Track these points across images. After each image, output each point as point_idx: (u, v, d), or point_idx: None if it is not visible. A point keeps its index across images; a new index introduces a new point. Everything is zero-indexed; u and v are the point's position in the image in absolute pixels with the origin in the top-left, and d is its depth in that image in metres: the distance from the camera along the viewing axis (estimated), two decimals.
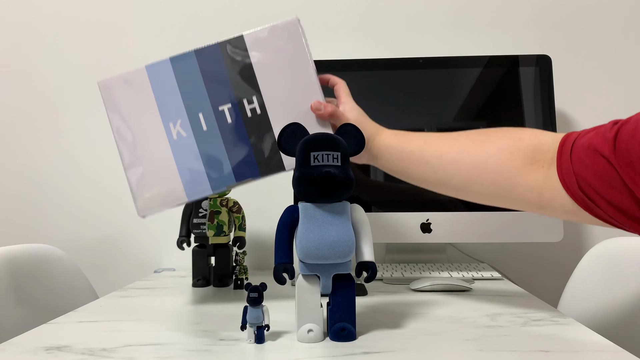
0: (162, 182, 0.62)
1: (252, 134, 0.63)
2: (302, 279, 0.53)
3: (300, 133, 0.55)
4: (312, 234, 0.51)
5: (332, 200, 0.52)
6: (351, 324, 0.53)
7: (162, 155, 0.62)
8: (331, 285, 0.53)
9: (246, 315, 0.52)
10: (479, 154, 0.58)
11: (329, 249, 0.51)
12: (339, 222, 0.52)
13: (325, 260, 0.51)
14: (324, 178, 0.50)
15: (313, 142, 0.53)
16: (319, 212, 0.52)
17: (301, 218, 0.52)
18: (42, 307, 0.81)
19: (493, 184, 0.57)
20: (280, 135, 0.56)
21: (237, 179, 0.62)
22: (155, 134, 0.62)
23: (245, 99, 0.63)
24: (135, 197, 0.62)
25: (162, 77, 0.63)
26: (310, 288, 0.53)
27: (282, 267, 0.52)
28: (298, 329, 0.53)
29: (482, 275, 0.86)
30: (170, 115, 0.63)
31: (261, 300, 0.52)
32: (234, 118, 0.63)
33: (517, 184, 0.56)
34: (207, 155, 0.62)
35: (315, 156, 0.51)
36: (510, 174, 0.56)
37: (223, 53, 0.64)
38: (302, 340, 0.53)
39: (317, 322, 0.53)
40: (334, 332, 0.53)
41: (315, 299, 0.53)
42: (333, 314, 0.53)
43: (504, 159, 0.56)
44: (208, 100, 0.63)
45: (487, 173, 0.57)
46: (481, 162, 0.57)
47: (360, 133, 0.56)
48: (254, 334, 0.52)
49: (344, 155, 0.52)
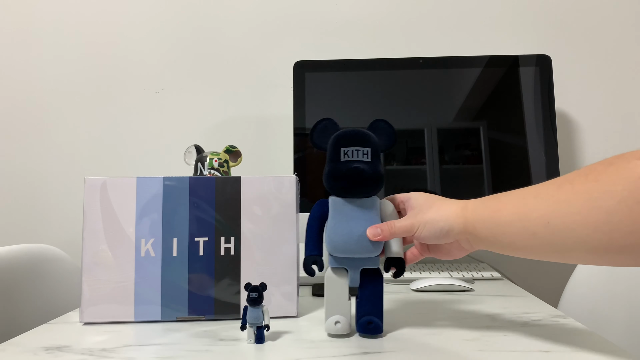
0: (115, 299, 0.61)
1: (220, 272, 0.62)
2: (330, 271, 0.54)
3: (332, 128, 0.56)
4: (340, 227, 0.52)
5: (361, 195, 0.53)
6: (378, 318, 0.54)
7: (124, 271, 0.61)
8: (359, 279, 0.53)
9: (246, 315, 0.52)
10: (595, 213, 0.44)
11: (356, 243, 0.51)
12: (368, 217, 0.52)
13: (352, 254, 0.52)
14: (352, 173, 0.51)
15: (343, 138, 0.53)
16: (348, 207, 0.53)
17: (331, 212, 0.53)
18: (42, 307, 0.81)
19: (632, 250, 0.44)
20: (312, 130, 0.56)
21: (190, 313, 0.61)
22: (124, 246, 0.62)
23: (223, 237, 0.63)
24: (84, 305, 0.61)
25: (149, 191, 0.62)
26: (338, 281, 0.54)
27: (312, 260, 0.53)
28: (326, 320, 0.54)
29: (482, 275, 0.86)
30: (145, 232, 0.62)
31: (261, 301, 0.52)
32: (207, 252, 0.62)
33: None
34: (168, 282, 0.61)
35: (345, 152, 0.52)
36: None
37: (217, 185, 0.63)
38: (329, 331, 0.54)
39: (345, 314, 0.54)
40: (361, 324, 0.53)
41: (343, 292, 0.54)
42: (360, 307, 0.54)
43: (634, 213, 0.43)
44: (187, 228, 0.62)
45: (617, 237, 0.44)
46: (603, 226, 0.44)
47: (391, 128, 0.56)
48: (253, 334, 0.52)
49: (374, 151, 0.53)
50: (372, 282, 0.54)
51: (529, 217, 0.48)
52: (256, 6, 1.15)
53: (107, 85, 1.15)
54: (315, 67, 0.96)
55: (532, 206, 0.48)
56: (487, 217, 0.51)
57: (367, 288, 0.54)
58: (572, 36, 1.10)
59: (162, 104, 1.15)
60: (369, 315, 0.53)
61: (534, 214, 0.48)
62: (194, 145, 0.85)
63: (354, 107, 0.95)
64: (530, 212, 0.48)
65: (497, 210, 0.50)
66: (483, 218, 0.51)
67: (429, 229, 0.52)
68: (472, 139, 0.94)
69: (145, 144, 1.14)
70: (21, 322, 0.75)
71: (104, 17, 1.16)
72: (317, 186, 0.93)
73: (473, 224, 0.51)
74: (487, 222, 0.51)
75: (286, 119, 1.12)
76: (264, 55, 1.14)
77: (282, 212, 0.63)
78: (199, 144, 1.04)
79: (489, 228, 0.50)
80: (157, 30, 1.15)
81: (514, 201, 0.50)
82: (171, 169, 1.13)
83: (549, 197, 0.48)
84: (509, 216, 0.49)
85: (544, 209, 0.47)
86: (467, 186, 0.93)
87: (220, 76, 1.15)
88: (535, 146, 0.92)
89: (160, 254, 0.62)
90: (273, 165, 1.13)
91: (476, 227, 0.51)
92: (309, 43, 1.14)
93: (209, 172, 0.81)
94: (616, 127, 1.09)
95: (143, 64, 1.15)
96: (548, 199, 0.48)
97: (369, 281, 0.54)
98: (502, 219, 0.50)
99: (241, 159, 0.88)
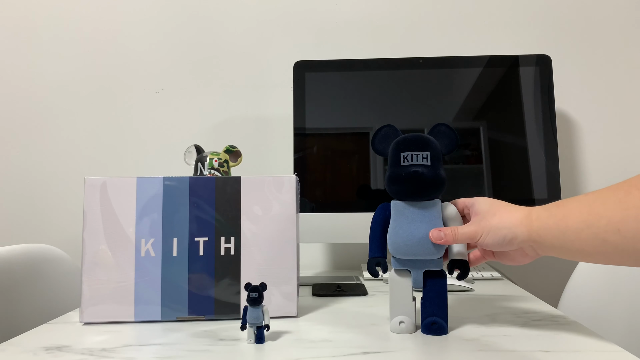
0: (115, 299, 0.61)
1: (220, 272, 0.62)
2: (394, 273, 0.55)
3: (393, 135, 0.57)
4: (401, 230, 0.53)
5: (421, 198, 0.54)
6: (442, 319, 0.54)
7: (124, 271, 0.61)
8: (422, 280, 0.54)
9: (246, 315, 0.52)
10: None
11: (417, 245, 0.52)
12: (429, 220, 0.53)
13: (414, 256, 0.53)
14: (411, 177, 0.52)
15: (403, 143, 0.55)
16: (409, 210, 0.54)
17: (392, 215, 0.55)
18: (42, 307, 0.81)
19: None
20: (374, 136, 0.58)
21: (190, 313, 0.61)
22: (124, 246, 0.62)
23: (223, 237, 0.63)
24: (84, 305, 0.61)
25: (149, 191, 0.62)
26: (401, 281, 0.55)
27: (375, 261, 0.55)
28: (391, 320, 0.55)
29: (482, 275, 0.86)
30: (145, 232, 0.62)
31: (261, 301, 0.52)
32: (207, 252, 0.62)
33: None
34: (168, 282, 0.61)
35: (405, 156, 0.53)
36: None
37: (217, 185, 0.63)
38: (394, 331, 0.55)
39: (409, 314, 0.55)
40: (425, 325, 0.55)
41: (406, 292, 0.55)
42: (425, 308, 0.55)
43: None
44: (187, 228, 0.62)
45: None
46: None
47: (452, 132, 0.56)
48: (254, 334, 0.52)
49: (434, 155, 0.54)
50: (435, 284, 0.55)
51: (598, 224, 0.48)
52: (256, 6, 1.15)
53: (107, 85, 1.15)
54: (315, 67, 0.96)
55: (600, 213, 0.48)
56: (552, 225, 0.50)
57: (431, 290, 0.55)
58: (572, 36, 1.10)
59: (162, 104, 1.15)
60: (433, 316, 0.54)
61: (602, 221, 0.48)
62: (194, 145, 0.85)
63: (354, 107, 0.96)
64: (599, 219, 0.48)
65: (563, 217, 0.50)
66: (548, 226, 0.51)
67: (492, 237, 0.52)
68: (472, 139, 0.94)
69: (146, 144, 1.14)
70: (21, 322, 0.76)
71: (104, 17, 1.16)
72: (317, 186, 0.93)
73: (538, 232, 0.51)
74: (553, 229, 0.50)
75: (286, 119, 1.12)
76: (264, 55, 1.14)
77: (282, 212, 0.63)
78: (199, 144, 1.04)
79: (556, 236, 0.50)
80: (158, 31, 1.15)
81: (580, 208, 0.50)
82: (171, 169, 1.13)
83: (618, 204, 0.48)
84: (577, 224, 0.49)
85: (613, 215, 0.47)
86: (467, 186, 0.93)
87: (220, 76, 1.15)
88: (535, 146, 0.92)
89: (160, 254, 0.62)
90: (273, 165, 1.13)
91: (541, 235, 0.51)
92: (309, 43, 1.14)
93: (209, 172, 0.81)
94: (616, 127, 1.09)
95: (143, 64, 1.15)
96: (617, 205, 0.48)
97: (432, 283, 0.55)
98: (570, 227, 0.49)
99: (241, 159, 0.88)
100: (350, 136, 0.95)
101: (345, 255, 1.12)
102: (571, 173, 1.09)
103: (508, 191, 0.91)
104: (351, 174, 0.94)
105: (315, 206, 0.92)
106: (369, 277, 0.88)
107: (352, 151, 0.95)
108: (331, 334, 0.56)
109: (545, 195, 0.90)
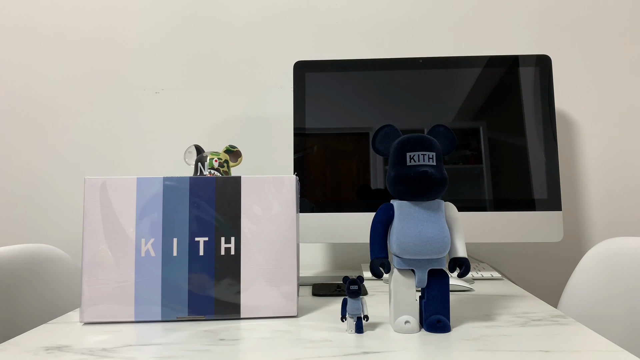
0: (115, 298, 0.61)
1: (220, 272, 0.62)
2: (397, 273, 0.55)
3: (393, 134, 0.58)
4: (409, 230, 0.54)
5: (428, 198, 0.54)
6: (446, 317, 0.55)
7: (124, 271, 0.61)
8: (426, 280, 0.55)
9: (346, 307, 0.55)
10: None
11: (425, 245, 0.53)
12: (435, 220, 0.54)
13: (421, 256, 0.54)
14: (421, 177, 0.53)
15: (409, 143, 0.55)
16: (415, 210, 0.54)
17: (397, 215, 0.55)
18: (42, 307, 0.81)
19: None
20: (374, 136, 0.58)
21: (190, 313, 0.61)
22: (124, 246, 0.62)
23: (223, 237, 0.63)
24: (84, 305, 0.61)
25: (149, 191, 0.63)
26: (405, 281, 0.55)
27: (379, 262, 0.55)
28: (394, 320, 0.55)
29: (482, 275, 0.86)
30: (145, 232, 0.62)
31: (360, 292, 0.54)
32: (207, 252, 0.62)
33: None
34: (169, 281, 0.61)
35: (412, 156, 0.54)
36: None
37: (217, 185, 0.63)
38: (399, 331, 0.55)
39: (413, 314, 0.55)
40: (429, 323, 0.55)
41: (411, 292, 0.55)
42: (428, 306, 0.55)
43: None
44: (187, 228, 0.62)
45: None
46: None
47: (451, 133, 0.58)
48: (354, 324, 0.55)
49: (438, 155, 0.55)
50: (439, 283, 0.55)
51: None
52: (256, 6, 1.15)
53: (107, 86, 1.15)
54: (315, 67, 0.96)
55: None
56: None
57: (435, 288, 0.55)
58: (572, 36, 1.10)
59: (162, 104, 1.15)
60: (437, 314, 0.55)
61: None
62: (194, 145, 0.85)
63: (354, 107, 0.96)
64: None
65: None
66: None
67: None
68: (472, 139, 0.94)
69: (146, 144, 1.14)
70: (21, 322, 0.76)
71: (103, 17, 1.16)
72: (317, 186, 0.93)
73: None
74: None
75: (286, 119, 1.12)
76: (264, 55, 1.14)
77: (282, 212, 0.63)
78: (199, 144, 1.04)
79: None
80: (157, 31, 1.15)
81: None
82: (171, 169, 1.13)
83: None
84: None
85: None
86: (467, 186, 0.93)
87: (220, 76, 1.15)
88: (535, 146, 0.92)
89: (161, 254, 0.62)
90: (273, 165, 1.13)
91: None
92: (309, 43, 1.14)
93: (209, 172, 0.81)
94: (616, 127, 1.09)
95: (143, 64, 1.15)
96: None
97: (435, 281, 0.55)
98: None
99: (241, 159, 0.88)
100: (350, 136, 0.95)
101: (345, 255, 1.12)
102: (571, 173, 1.09)
103: (508, 191, 0.91)
104: (351, 174, 0.94)
105: (315, 206, 0.92)
106: (369, 277, 0.88)
107: (352, 151, 0.95)
108: (331, 334, 0.56)
109: (545, 195, 0.90)
